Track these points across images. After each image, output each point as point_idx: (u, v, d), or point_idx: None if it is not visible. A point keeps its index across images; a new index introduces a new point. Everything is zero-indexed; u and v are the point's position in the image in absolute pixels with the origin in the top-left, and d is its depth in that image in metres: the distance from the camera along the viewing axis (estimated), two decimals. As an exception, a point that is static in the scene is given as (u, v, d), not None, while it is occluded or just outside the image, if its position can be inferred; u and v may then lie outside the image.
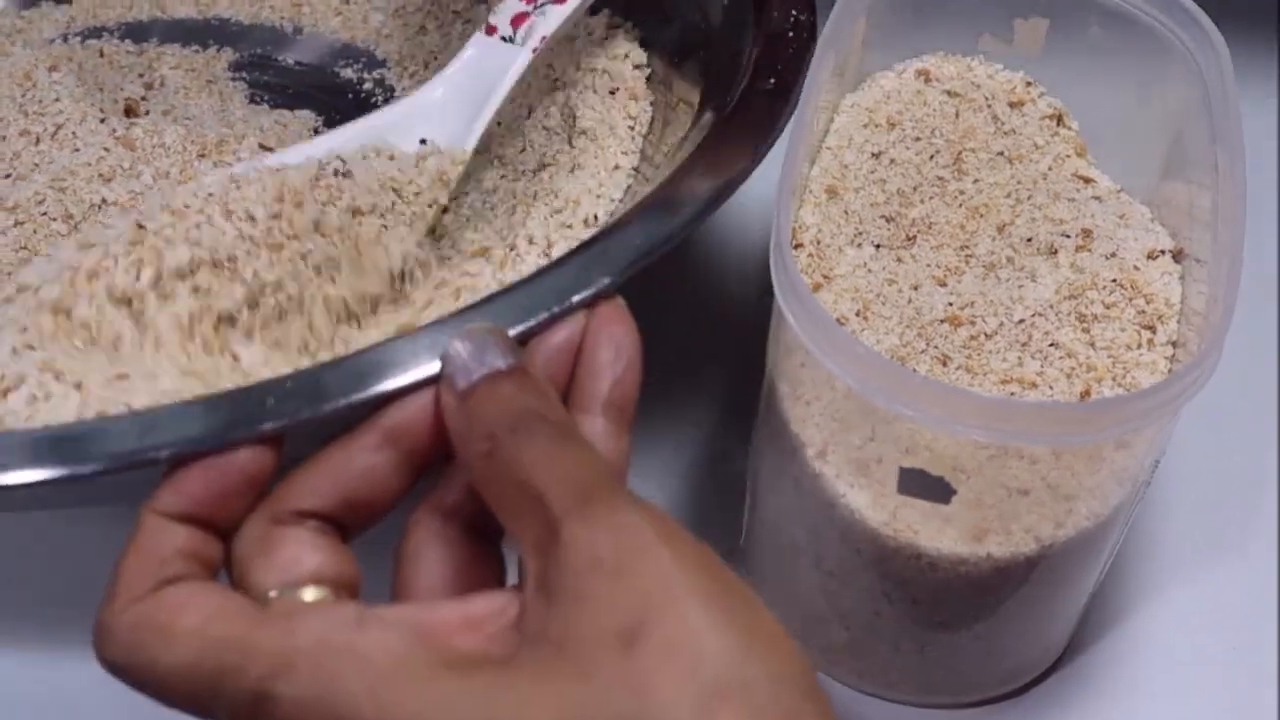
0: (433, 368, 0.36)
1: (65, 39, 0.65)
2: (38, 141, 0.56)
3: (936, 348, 0.42)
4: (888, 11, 0.47)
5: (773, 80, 0.46)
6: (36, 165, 0.55)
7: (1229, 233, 0.40)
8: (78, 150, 0.55)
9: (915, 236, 0.45)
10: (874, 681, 0.48)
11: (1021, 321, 0.43)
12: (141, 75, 0.62)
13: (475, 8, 0.64)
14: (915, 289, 0.44)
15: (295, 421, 0.35)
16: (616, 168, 0.52)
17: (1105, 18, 0.46)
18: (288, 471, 0.35)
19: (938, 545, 0.41)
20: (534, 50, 0.50)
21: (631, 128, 0.54)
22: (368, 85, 0.63)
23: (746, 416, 0.47)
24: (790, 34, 0.47)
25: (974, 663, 0.47)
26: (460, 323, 0.37)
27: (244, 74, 0.63)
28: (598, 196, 0.51)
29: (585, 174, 0.51)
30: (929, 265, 0.44)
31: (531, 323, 0.37)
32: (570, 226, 0.49)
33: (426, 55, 0.62)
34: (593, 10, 0.59)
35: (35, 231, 0.52)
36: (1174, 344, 0.42)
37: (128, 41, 0.64)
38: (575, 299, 0.37)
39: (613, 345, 0.37)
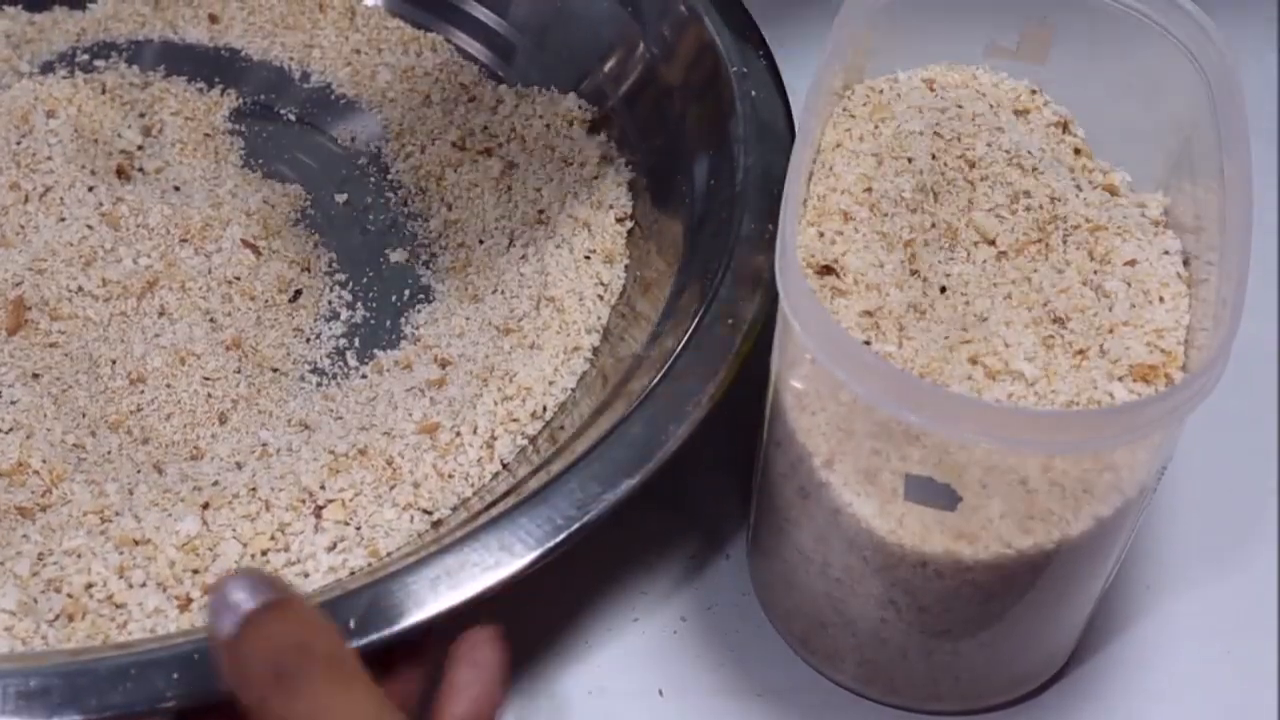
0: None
1: (73, 56, 0.65)
2: (26, 200, 0.57)
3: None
4: (892, 21, 0.47)
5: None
6: (22, 229, 0.57)
7: (1235, 238, 0.40)
8: (63, 220, 0.57)
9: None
10: (880, 688, 0.48)
11: (1028, 326, 0.43)
12: (142, 116, 0.62)
13: (482, 83, 0.64)
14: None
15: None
16: (576, 349, 0.53)
17: (1110, 24, 0.46)
18: None
19: (943, 552, 0.41)
20: None
21: (601, 296, 0.55)
22: (362, 160, 0.62)
23: (750, 427, 0.47)
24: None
25: (980, 669, 0.47)
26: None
27: (242, 127, 0.63)
28: (550, 383, 0.52)
29: (543, 356, 0.52)
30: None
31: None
32: (517, 420, 0.51)
33: (426, 133, 0.62)
34: (592, 128, 0.60)
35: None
36: (1181, 349, 0.42)
37: (134, 68, 0.65)
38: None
39: (473, 666, 0.37)
